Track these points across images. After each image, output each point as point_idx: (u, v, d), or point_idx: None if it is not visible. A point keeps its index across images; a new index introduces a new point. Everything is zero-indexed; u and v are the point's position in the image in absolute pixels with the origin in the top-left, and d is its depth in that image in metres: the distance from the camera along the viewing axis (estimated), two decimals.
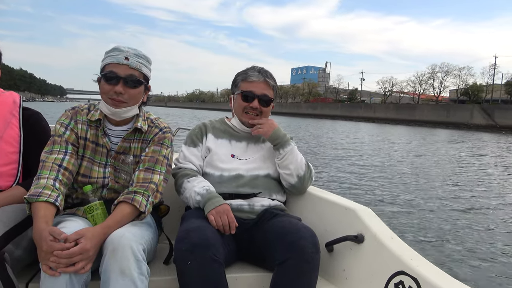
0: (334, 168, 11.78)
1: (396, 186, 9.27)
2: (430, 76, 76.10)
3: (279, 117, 72.93)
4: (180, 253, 1.57)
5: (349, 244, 1.79)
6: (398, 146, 20.57)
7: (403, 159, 14.73)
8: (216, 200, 1.78)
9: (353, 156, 15.03)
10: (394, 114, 64.15)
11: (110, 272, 1.35)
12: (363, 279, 1.71)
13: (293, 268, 1.61)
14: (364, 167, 12.28)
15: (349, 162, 13.23)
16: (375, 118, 66.09)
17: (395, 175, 10.86)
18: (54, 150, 1.64)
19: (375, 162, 13.66)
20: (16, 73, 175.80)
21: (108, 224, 1.48)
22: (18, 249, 1.50)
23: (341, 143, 20.55)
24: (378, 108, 71.43)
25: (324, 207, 1.97)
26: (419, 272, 1.42)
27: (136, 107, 1.75)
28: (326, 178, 9.27)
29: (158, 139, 1.78)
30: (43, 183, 1.52)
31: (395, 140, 23.89)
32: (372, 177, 10.40)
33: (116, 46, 1.69)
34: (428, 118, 57.08)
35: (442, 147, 20.92)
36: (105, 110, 1.72)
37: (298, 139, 22.15)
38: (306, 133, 28.84)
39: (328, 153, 15.80)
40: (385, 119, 63.57)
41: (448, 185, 9.81)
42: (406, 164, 13.29)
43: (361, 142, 22.29)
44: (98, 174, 1.72)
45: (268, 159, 2.08)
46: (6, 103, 1.79)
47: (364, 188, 8.88)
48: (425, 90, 77.62)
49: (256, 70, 2.06)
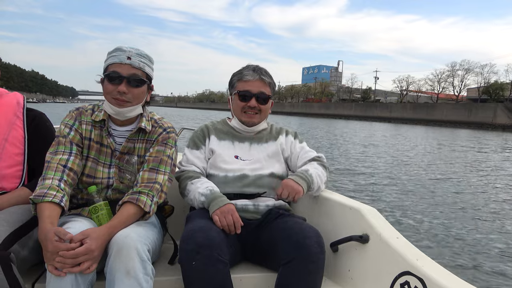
0: (342, 167, 11.74)
1: (403, 186, 9.21)
2: (450, 74, 72.19)
3: (290, 117, 71.50)
4: (185, 253, 1.57)
5: (354, 244, 1.78)
6: (422, 147, 19.83)
7: (411, 159, 14.57)
8: (220, 200, 1.78)
9: (361, 155, 14.98)
10: (412, 113, 61.59)
11: (115, 272, 1.36)
12: (368, 279, 1.70)
13: (298, 268, 1.60)
14: (371, 166, 12.23)
15: (356, 161, 13.18)
16: (391, 118, 63.81)
17: (403, 175, 10.80)
18: (59, 150, 1.65)
19: (382, 161, 13.60)
20: (28, 75, 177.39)
21: (113, 224, 1.48)
22: (24, 249, 1.51)
23: (350, 142, 20.32)
24: (395, 107, 68.63)
25: (329, 207, 1.96)
26: (425, 273, 1.41)
27: (140, 106, 1.75)
28: (331, 178, 9.17)
29: (162, 139, 1.78)
30: (48, 183, 1.53)
31: (419, 142, 22.85)
32: (381, 176, 10.35)
33: (119, 46, 1.69)
34: (448, 117, 54.51)
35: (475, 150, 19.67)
36: (109, 110, 1.73)
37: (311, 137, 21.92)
38: (319, 132, 28.35)
39: (335, 152, 15.75)
40: (402, 119, 61.26)
41: (459, 185, 9.74)
42: (415, 165, 13.20)
43: (375, 141, 21.73)
44: (102, 175, 1.72)
45: (271, 159, 2.08)
46: (10, 105, 1.80)
47: (370, 187, 8.85)
48: (444, 89, 74.13)
49: (250, 69, 2.05)
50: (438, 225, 6.05)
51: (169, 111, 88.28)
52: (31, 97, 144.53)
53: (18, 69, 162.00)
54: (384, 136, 27.76)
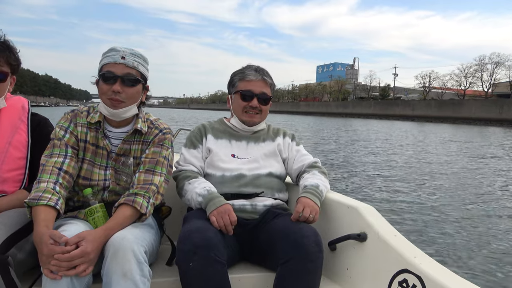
0: (342, 167, 11.76)
1: (401, 183, 9.23)
2: (478, 68, 65.97)
3: (306, 117, 69.37)
4: (183, 254, 1.56)
5: (352, 242, 1.78)
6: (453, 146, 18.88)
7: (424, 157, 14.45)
8: (217, 201, 1.78)
9: (363, 154, 15.00)
10: (437, 111, 57.44)
11: (112, 275, 1.35)
12: (366, 278, 1.70)
13: (296, 268, 1.60)
14: (378, 165, 12.24)
15: (359, 160, 13.19)
16: (414, 116, 59.59)
17: (404, 173, 10.81)
18: (54, 153, 1.64)
19: (390, 159, 13.62)
20: (41, 79, 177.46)
21: (109, 226, 1.48)
22: (21, 252, 1.51)
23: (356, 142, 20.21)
24: (418, 105, 63.71)
25: (326, 205, 1.96)
26: (423, 270, 1.41)
27: (135, 106, 1.75)
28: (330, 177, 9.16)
29: (158, 140, 1.78)
30: (43, 186, 1.52)
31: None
32: (382, 175, 10.36)
33: (113, 47, 1.69)
34: (477, 115, 50.29)
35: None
36: (104, 112, 1.72)
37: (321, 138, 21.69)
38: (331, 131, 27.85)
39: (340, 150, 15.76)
40: (426, 116, 57.36)
41: (458, 182, 9.76)
42: (422, 163, 13.21)
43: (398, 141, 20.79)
44: (99, 177, 1.72)
45: (269, 158, 2.07)
46: (15, 108, 1.80)
47: (369, 185, 8.86)
48: (472, 84, 68.12)
49: (252, 69, 2.05)
50: (437, 223, 6.06)
51: (181, 112, 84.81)
52: (43, 101, 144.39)
53: (31, 74, 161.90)
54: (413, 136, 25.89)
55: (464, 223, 6.07)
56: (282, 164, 2.12)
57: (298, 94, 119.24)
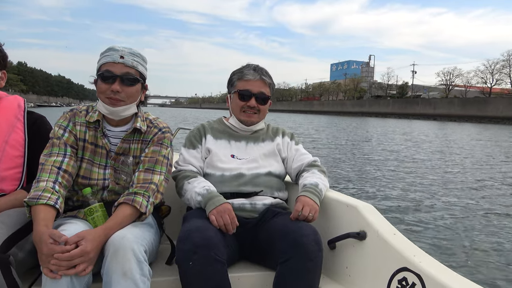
0: (341, 164, 11.76)
1: (399, 182, 9.24)
2: (505, 64, 63.26)
3: (320, 116, 67.59)
4: (182, 253, 1.56)
5: (351, 241, 1.78)
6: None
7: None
8: (217, 200, 1.77)
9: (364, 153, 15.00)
10: (460, 110, 55.55)
11: (112, 274, 1.35)
12: (366, 276, 1.71)
13: (296, 266, 1.60)
14: (375, 162, 12.25)
15: (359, 159, 13.19)
16: (435, 115, 57.94)
17: (401, 171, 10.82)
18: (53, 152, 1.64)
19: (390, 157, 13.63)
20: (53, 79, 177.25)
21: (109, 225, 1.48)
22: (21, 252, 1.50)
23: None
24: (439, 103, 61.64)
25: (326, 204, 1.96)
26: (422, 268, 1.42)
27: (134, 105, 1.75)
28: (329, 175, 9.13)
29: (157, 139, 1.78)
30: (42, 186, 1.52)
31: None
32: (381, 174, 10.37)
33: (111, 46, 1.69)
34: (504, 113, 48.36)
35: None
36: (103, 110, 1.72)
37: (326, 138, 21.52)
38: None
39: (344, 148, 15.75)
40: (449, 115, 55.58)
41: (456, 180, 9.77)
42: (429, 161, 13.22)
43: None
44: (98, 176, 1.72)
45: (268, 157, 2.07)
46: (10, 107, 1.79)
47: (368, 184, 8.86)
48: (499, 81, 65.08)
49: (251, 68, 2.05)
50: (436, 221, 6.06)
51: (194, 112, 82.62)
52: (55, 101, 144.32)
53: (44, 74, 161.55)
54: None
55: (463, 222, 6.08)
56: (281, 163, 2.12)
57: (312, 93, 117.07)
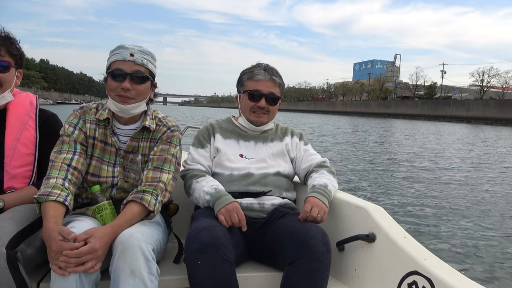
0: (348, 165, 11.68)
1: (411, 184, 9.14)
2: None
3: (342, 116, 65.92)
4: (191, 252, 1.56)
5: (360, 243, 1.76)
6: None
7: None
8: (225, 199, 1.77)
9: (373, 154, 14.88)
10: (497, 112, 51.74)
11: (120, 272, 1.36)
12: (375, 279, 1.68)
13: (303, 267, 1.59)
14: (381, 164, 12.15)
15: (364, 159, 13.10)
16: (469, 118, 54.54)
17: (413, 174, 10.71)
18: (63, 149, 1.65)
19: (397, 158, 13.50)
20: (75, 77, 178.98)
21: (117, 223, 1.48)
22: (30, 248, 1.51)
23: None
24: (474, 104, 57.46)
25: (335, 205, 1.94)
26: (433, 272, 1.39)
27: (144, 103, 1.75)
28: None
29: (166, 137, 1.78)
30: (52, 182, 1.52)
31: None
32: (390, 176, 10.28)
33: (121, 44, 1.70)
34: None
35: None
36: (113, 108, 1.72)
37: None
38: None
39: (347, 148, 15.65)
40: (484, 118, 52.21)
41: (468, 182, 9.63)
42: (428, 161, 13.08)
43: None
44: (107, 174, 1.72)
45: (277, 157, 2.06)
46: (23, 105, 1.80)
47: (378, 186, 8.79)
48: None
49: (262, 68, 2.04)
50: (448, 224, 5.97)
51: (214, 112, 79.60)
52: (74, 99, 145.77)
53: (66, 71, 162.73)
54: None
55: (477, 226, 5.97)
56: (290, 163, 2.11)
57: (334, 93, 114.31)
